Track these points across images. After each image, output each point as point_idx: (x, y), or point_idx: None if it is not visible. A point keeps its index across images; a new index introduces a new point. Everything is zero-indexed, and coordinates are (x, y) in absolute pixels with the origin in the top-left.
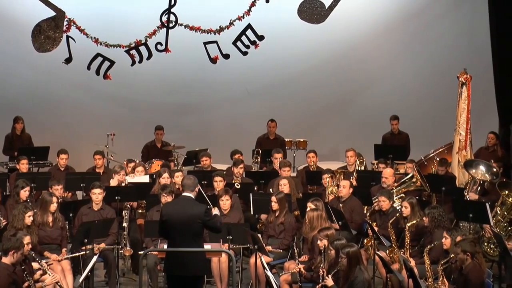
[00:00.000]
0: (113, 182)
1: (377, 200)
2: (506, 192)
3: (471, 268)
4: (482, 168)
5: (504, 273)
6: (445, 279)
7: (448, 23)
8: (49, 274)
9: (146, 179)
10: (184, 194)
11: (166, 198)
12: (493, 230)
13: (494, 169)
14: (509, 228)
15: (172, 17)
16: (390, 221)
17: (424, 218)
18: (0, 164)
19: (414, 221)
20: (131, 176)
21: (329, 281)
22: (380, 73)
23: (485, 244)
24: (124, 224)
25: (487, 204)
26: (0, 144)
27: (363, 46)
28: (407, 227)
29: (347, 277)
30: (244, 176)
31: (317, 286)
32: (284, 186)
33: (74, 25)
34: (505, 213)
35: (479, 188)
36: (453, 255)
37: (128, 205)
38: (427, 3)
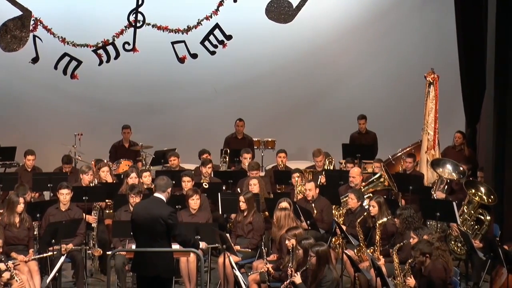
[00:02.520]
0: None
1: (347, 197)
2: (473, 191)
3: (431, 269)
4: (449, 167)
5: (471, 271)
6: (411, 276)
7: (415, 23)
8: (16, 280)
9: None
10: (155, 194)
11: (134, 199)
12: (460, 228)
13: (461, 168)
14: (476, 226)
15: (140, 17)
16: (358, 220)
17: (395, 220)
18: None
19: (385, 219)
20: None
21: (297, 278)
22: (348, 73)
23: (452, 242)
24: (93, 225)
25: (454, 203)
26: None
27: (331, 46)
28: (377, 224)
29: (316, 276)
30: (212, 175)
31: (285, 283)
32: (254, 186)
33: (41, 25)
34: (472, 211)
35: (446, 187)
36: None
37: (97, 205)
38: (394, 3)
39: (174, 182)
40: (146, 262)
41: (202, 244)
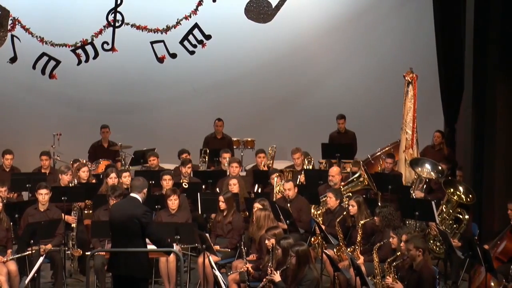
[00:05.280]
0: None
1: (326, 197)
2: (451, 190)
3: (423, 265)
4: (428, 166)
5: (449, 270)
6: (391, 275)
7: (393, 22)
8: None
9: None
10: (131, 194)
11: (114, 202)
12: (438, 227)
13: (440, 167)
14: (454, 225)
15: (119, 16)
16: (338, 219)
17: (375, 218)
18: None
19: (368, 219)
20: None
21: (277, 276)
22: (327, 72)
23: (431, 241)
24: (73, 225)
25: (432, 202)
26: None
27: (310, 46)
28: (359, 224)
29: (296, 275)
30: (192, 175)
31: (263, 280)
32: (234, 186)
33: (19, 24)
34: (450, 211)
35: (425, 186)
36: (399, 253)
37: (77, 206)
38: (373, 3)
39: (153, 182)
40: (120, 262)
41: (177, 247)
